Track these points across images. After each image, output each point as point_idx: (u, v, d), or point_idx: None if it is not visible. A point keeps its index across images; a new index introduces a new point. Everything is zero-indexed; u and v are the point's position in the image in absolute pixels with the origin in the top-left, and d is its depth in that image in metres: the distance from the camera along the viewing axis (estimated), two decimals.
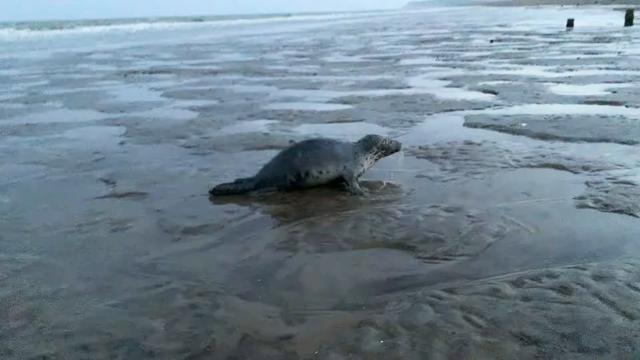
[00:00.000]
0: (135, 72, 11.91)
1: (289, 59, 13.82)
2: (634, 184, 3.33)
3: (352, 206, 3.22)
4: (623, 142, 4.32)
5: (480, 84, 7.85)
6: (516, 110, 5.86)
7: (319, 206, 3.26)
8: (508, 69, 9.59)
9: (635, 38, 15.41)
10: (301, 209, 3.22)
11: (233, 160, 4.34)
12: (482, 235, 2.73)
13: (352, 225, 2.93)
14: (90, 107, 7.26)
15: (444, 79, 8.66)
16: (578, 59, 10.68)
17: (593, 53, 11.67)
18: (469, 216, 2.97)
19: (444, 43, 17.10)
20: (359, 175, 3.53)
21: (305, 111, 6.29)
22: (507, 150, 4.23)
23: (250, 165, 4.13)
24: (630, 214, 2.91)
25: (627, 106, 5.79)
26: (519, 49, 13.69)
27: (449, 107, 6.21)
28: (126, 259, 2.64)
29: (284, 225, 2.99)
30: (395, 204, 3.21)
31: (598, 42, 14.52)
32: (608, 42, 14.54)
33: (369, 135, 3.66)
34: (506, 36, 19.04)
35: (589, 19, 30.17)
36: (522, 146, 4.34)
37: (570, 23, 23.76)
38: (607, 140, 4.40)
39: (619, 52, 11.54)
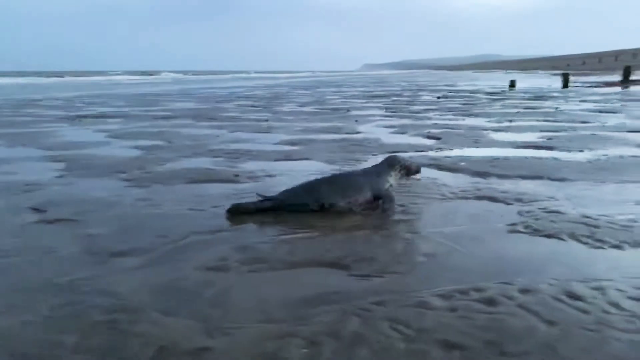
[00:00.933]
0: (84, 116, 11.72)
1: (243, 108, 13.96)
2: (562, 213, 3.45)
3: (290, 230, 3.18)
4: (555, 179, 4.49)
5: (424, 131, 8.11)
6: (456, 152, 6.05)
7: (257, 230, 3.21)
8: (452, 119, 9.98)
9: (571, 97, 16.42)
10: (237, 234, 3.16)
11: (173, 191, 4.26)
12: (415, 256, 2.74)
13: (288, 247, 2.89)
14: (31, 146, 7.03)
15: (391, 126, 8.91)
16: (518, 112, 11.25)
17: (532, 108, 12.32)
18: (403, 239, 2.99)
19: (393, 98, 17.73)
20: (388, 192, 3.64)
21: (253, 150, 6.31)
22: (445, 185, 4.32)
23: (190, 196, 4.06)
24: (557, 238, 2.99)
25: (560, 150, 6.08)
26: (464, 104, 14.32)
27: (394, 149, 6.35)
28: (44, 280, 2.49)
29: (217, 247, 2.91)
30: (333, 230, 3.20)
31: (537, 100, 15.38)
32: (546, 100, 15.42)
33: (390, 155, 3.91)
34: (452, 94, 19.94)
35: (530, 81, 32.07)
36: (460, 182, 4.46)
37: (512, 84, 25.13)
38: (540, 178, 4.57)
39: (556, 108, 12.24)
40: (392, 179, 3.70)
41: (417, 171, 3.88)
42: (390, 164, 3.74)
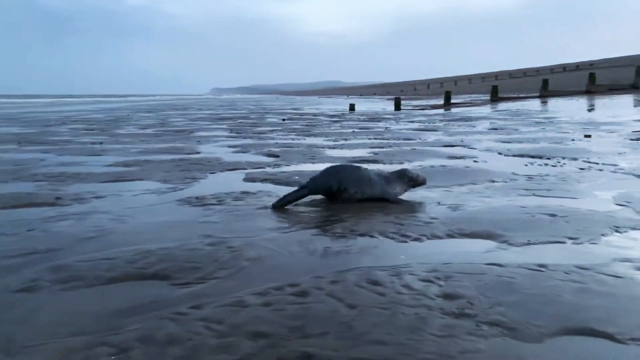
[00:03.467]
0: None
1: (77, 131, 13.05)
2: (375, 215, 3.81)
3: (112, 247, 3.08)
4: None
5: (265, 150, 8.35)
6: (293, 168, 6.34)
7: (72, 249, 3.06)
8: (293, 139, 10.40)
9: (401, 118, 18.06)
10: (53, 255, 2.97)
11: None
12: (239, 261, 2.83)
13: (108, 264, 2.80)
14: None
15: (234, 146, 9.02)
16: (353, 132, 12.09)
17: (366, 128, 13.32)
18: (229, 247, 3.07)
19: (240, 120, 17.92)
20: (395, 196, 4.24)
21: (82, 173, 5.95)
22: (278, 197, 4.51)
23: (6, 222, 3.72)
24: (370, 236, 3.31)
25: (384, 163, 6.69)
26: (306, 125, 15.00)
27: (233, 167, 6.45)
28: None
29: (28, 270, 2.72)
30: (158, 243, 3.17)
31: (372, 121, 16.66)
32: (379, 121, 16.77)
33: (402, 168, 4.45)
34: (297, 116, 20.74)
35: (368, 105, 34.59)
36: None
37: (352, 107, 26.94)
38: None
39: (386, 128, 13.38)
40: (399, 188, 4.25)
41: (423, 183, 4.39)
42: (399, 175, 4.28)
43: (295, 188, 4.28)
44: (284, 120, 17.93)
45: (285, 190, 4.91)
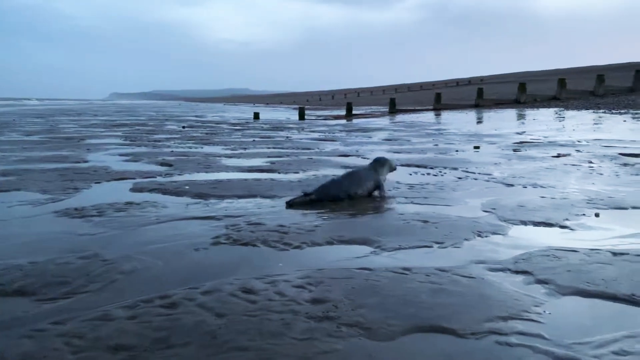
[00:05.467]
0: None
1: None
2: (262, 224, 3.87)
3: None
4: (266, 197, 5.00)
5: (159, 158, 8.14)
6: (185, 177, 6.25)
7: None
8: (190, 147, 10.23)
9: (304, 128, 18.33)
10: None
11: None
12: (111, 274, 2.78)
13: None
14: None
15: (125, 155, 8.71)
16: (254, 140, 12.11)
17: (267, 137, 13.39)
18: (103, 260, 2.99)
19: (137, 127, 17.29)
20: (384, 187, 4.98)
21: None
22: (165, 207, 4.45)
23: None
24: (252, 245, 3.37)
25: (279, 172, 6.78)
26: (207, 133, 14.79)
27: (121, 176, 6.24)
28: None
29: None
30: (27, 258, 3.01)
31: (274, 130, 16.78)
32: (282, 130, 16.92)
33: (379, 157, 5.13)
34: (199, 124, 20.38)
35: (273, 114, 34.73)
36: (180, 204, 4.62)
37: (256, 116, 26.90)
38: (254, 196, 5.03)
39: (287, 137, 13.54)
40: (384, 175, 4.99)
41: (395, 169, 5.20)
42: (382, 164, 4.98)
43: (301, 193, 4.73)
44: (184, 127, 17.55)
45: (174, 199, 4.85)
